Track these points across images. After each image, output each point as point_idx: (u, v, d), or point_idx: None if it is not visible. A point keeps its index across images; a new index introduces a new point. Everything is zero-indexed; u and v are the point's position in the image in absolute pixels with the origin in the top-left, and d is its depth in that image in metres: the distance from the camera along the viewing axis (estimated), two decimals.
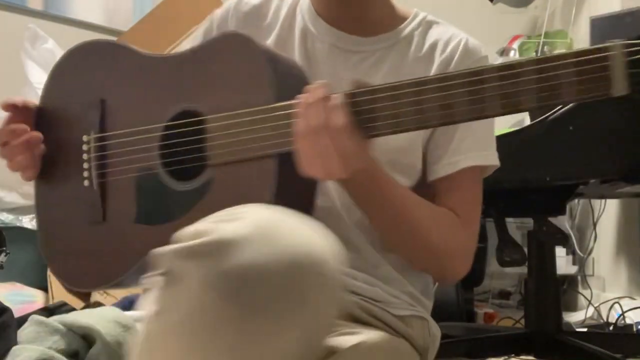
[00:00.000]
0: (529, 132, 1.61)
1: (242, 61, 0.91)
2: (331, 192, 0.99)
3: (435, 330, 1.06)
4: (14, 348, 1.28)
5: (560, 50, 2.92)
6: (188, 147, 0.93)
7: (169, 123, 0.95)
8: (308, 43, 1.06)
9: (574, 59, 0.72)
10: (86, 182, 1.02)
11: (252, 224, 0.66)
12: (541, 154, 1.61)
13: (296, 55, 1.05)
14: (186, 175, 0.93)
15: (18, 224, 2.17)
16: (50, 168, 1.07)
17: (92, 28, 3.04)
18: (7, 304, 1.37)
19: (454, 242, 0.99)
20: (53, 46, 2.23)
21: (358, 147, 0.82)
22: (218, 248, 0.65)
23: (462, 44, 1.04)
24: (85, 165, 1.02)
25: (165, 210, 0.94)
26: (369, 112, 0.82)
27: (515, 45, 3.08)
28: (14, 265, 1.83)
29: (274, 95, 0.87)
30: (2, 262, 1.62)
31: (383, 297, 0.98)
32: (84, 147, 1.03)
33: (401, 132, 0.82)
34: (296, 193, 0.89)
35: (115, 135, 1.01)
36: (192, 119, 0.93)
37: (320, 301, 0.68)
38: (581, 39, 2.89)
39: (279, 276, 0.65)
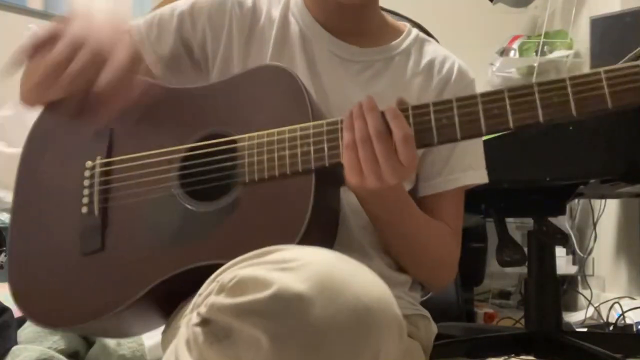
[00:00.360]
0: (529, 132, 1.61)
1: (278, 86, 0.92)
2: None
3: (434, 328, 1.07)
4: (14, 348, 1.28)
5: (560, 50, 2.92)
6: (214, 167, 0.91)
7: (194, 144, 0.93)
8: (307, 48, 1.06)
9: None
10: (84, 209, 0.97)
11: (314, 276, 0.64)
12: (541, 154, 1.61)
13: (298, 60, 1.04)
14: (207, 196, 0.91)
15: None
16: (35, 197, 1.03)
17: None
18: (7, 304, 1.37)
19: (450, 255, 1.05)
20: None
21: (415, 155, 0.83)
22: (286, 305, 0.62)
23: (455, 66, 1.08)
24: (86, 192, 0.98)
25: (182, 231, 0.91)
26: (421, 124, 0.83)
27: (515, 45, 3.08)
28: None
29: (312, 115, 0.88)
30: (2, 262, 1.62)
31: None
32: (87, 173, 0.99)
33: (449, 142, 0.84)
34: (328, 207, 0.89)
35: (126, 159, 0.97)
36: (222, 139, 0.91)
37: (388, 345, 0.67)
38: (581, 39, 2.89)
39: (352, 328, 0.63)
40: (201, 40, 1.06)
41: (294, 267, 0.65)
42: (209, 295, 0.68)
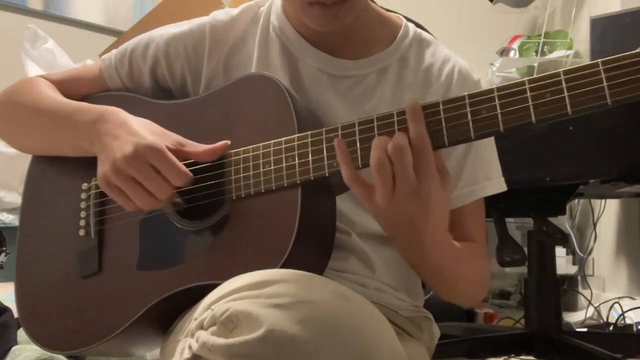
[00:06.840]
0: (529, 132, 1.61)
1: (264, 95, 0.90)
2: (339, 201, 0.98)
3: (437, 331, 1.07)
4: (14, 348, 1.28)
5: (560, 50, 2.92)
6: (202, 185, 0.90)
7: (183, 162, 0.90)
8: (292, 68, 0.99)
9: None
10: (82, 232, 0.98)
11: (309, 318, 0.62)
12: (541, 154, 1.61)
13: (282, 81, 0.94)
14: (197, 214, 0.90)
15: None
16: (38, 220, 1.03)
17: (92, 28, 3.05)
18: (7, 304, 1.37)
19: (479, 275, 1.00)
20: (53, 46, 2.23)
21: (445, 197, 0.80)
22: (279, 348, 0.60)
23: (456, 69, 1.00)
24: (83, 214, 0.98)
25: (174, 251, 0.90)
26: (435, 124, 0.79)
27: (515, 45, 3.08)
28: (14, 265, 1.83)
29: (298, 125, 0.86)
30: (2, 262, 1.62)
31: (393, 301, 0.98)
32: (83, 195, 0.99)
33: (437, 148, 0.79)
34: (319, 219, 0.87)
35: None
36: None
37: None
38: (581, 39, 2.89)
39: None
40: (180, 84, 1.03)
41: (288, 305, 0.62)
42: (202, 323, 0.67)
